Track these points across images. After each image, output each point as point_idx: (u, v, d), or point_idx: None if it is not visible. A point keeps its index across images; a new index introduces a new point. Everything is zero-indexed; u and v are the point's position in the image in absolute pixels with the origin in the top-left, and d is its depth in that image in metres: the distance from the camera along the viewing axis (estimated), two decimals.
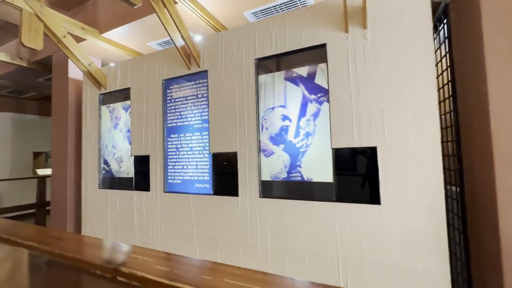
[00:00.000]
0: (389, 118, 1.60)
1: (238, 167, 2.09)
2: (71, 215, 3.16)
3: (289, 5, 2.49)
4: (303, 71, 1.91)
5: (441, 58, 1.92)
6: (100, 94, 3.03)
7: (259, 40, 2.05)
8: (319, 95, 1.85)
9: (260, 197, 1.99)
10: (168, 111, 2.53)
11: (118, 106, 2.91)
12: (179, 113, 2.47)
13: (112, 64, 3.01)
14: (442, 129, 1.65)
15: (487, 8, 1.35)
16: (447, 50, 1.81)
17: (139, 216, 2.61)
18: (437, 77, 1.91)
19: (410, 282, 1.50)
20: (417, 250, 1.49)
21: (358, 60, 1.70)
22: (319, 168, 1.82)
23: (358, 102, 1.69)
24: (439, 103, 1.68)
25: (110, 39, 3.05)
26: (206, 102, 2.31)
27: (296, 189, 1.91)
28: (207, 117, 2.30)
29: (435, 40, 1.98)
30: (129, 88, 2.79)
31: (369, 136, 1.65)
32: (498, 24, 1.32)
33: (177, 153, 2.46)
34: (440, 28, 1.94)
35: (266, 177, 2.01)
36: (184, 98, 2.44)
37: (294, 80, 1.94)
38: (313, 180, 1.84)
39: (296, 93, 1.92)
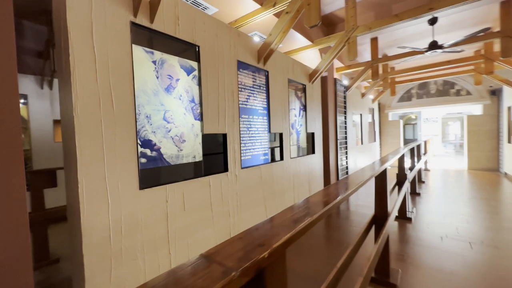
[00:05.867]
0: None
1: (284, 142, 3.32)
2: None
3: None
4: (299, 93, 3.81)
5: None
6: (134, 24, 1.68)
7: (294, 70, 3.48)
8: (302, 107, 3.91)
9: (291, 158, 3.49)
10: (240, 92, 2.62)
11: (173, 61, 1.95)
12: (247, 97, 2.74)
13: None
14: None
15: None
16: None
17: (216, 202, 2.30)
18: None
19: None
20: None
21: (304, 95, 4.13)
22: (303, 141, 3.91)
23: (307, 114, 4.12)
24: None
25: None
26: (265, 94, 3.03)
27: (298, 151, 3.77)
28: (266, 105, 3.04)
29: None
30: (197, 47, 2.12)
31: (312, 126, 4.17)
32: None
33: (248, 132, 2.73)
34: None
35: (292, 145, 3.55)
36: (251, 86, 2.80)
37: (298, 96, 3.76)
38: (301, 146, 3.87)
39: (298, 103, 3.77)
